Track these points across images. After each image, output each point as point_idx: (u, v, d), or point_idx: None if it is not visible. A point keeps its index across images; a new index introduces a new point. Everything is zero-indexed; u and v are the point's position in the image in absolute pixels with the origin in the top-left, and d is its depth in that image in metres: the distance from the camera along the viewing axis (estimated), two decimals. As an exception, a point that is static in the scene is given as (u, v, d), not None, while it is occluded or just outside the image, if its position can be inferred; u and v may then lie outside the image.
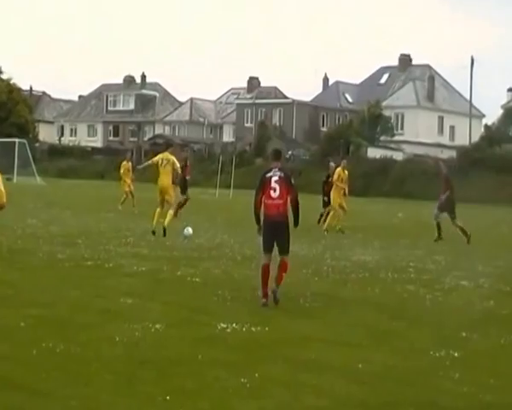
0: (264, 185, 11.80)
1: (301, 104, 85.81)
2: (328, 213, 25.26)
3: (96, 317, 9.95)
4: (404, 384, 7.60)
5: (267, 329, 9.69)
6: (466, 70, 73.78)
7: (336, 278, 14.40)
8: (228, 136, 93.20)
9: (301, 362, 8.22)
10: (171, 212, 20.61)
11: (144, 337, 8.91)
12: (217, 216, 29.20)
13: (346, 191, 25.11)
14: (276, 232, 11.73)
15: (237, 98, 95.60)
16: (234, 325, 9.71)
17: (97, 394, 6.84)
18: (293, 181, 11.97)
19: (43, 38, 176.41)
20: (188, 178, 28.49)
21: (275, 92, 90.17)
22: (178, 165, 21.27)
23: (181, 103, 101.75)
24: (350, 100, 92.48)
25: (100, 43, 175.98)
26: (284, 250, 11.78)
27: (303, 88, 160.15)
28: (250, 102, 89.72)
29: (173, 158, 20.92)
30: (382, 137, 71.71)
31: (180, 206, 26.79)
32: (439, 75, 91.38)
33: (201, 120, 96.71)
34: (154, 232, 19.72)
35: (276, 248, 11.77)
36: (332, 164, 27.69)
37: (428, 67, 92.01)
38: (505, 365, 8.53)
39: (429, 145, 71.20)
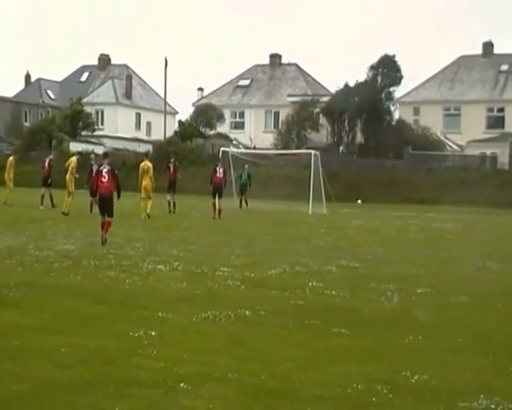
0: (98, 174, 18.61)
1: (3, 100, 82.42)
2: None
3: None
4: (105, 364, 7.59)
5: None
6: (161, 70, 74.94)
7: (40, 268, 14.05)
8: None
9: (5, 350, 7.94)
10: None
11: None
12: None
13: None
14: (105, 203, 18.50)
15: None
16: None
17: None
18: (116, 172, 18.69)
19: None
20: None
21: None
22: None
23: None
24: (52, 96, 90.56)
25: None
26: (110, 214, 18.48)
27: (4, 84, 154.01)
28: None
29: None
30: (84, 132, 71.01)
31: None
32: (137, 74, 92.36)
33: None
34: None
35: None
36: (92, 156, 31.22)
37: (126, 66, 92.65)
38: (196, 340, 8.79)
39: (128, 140, 71.65)
